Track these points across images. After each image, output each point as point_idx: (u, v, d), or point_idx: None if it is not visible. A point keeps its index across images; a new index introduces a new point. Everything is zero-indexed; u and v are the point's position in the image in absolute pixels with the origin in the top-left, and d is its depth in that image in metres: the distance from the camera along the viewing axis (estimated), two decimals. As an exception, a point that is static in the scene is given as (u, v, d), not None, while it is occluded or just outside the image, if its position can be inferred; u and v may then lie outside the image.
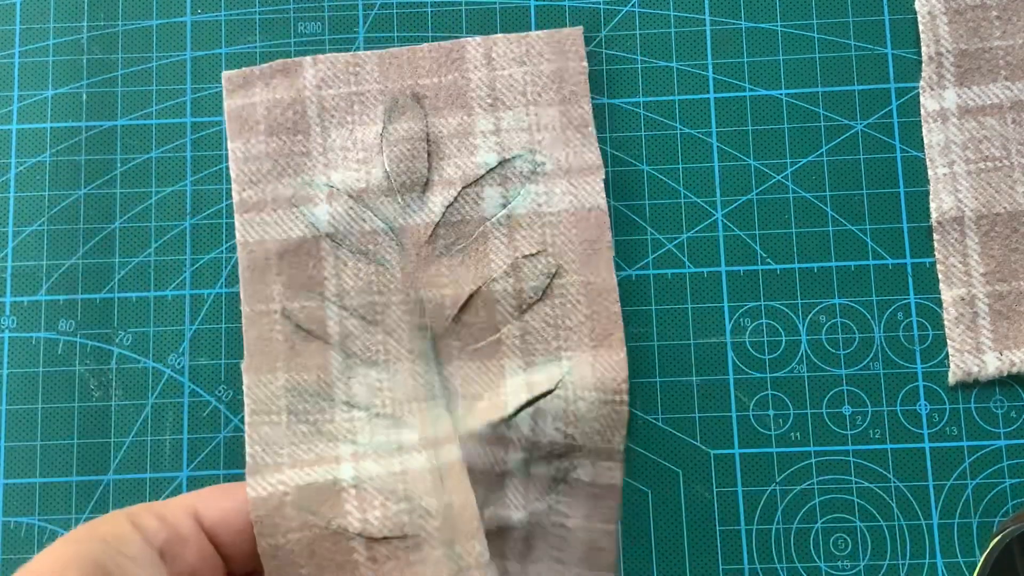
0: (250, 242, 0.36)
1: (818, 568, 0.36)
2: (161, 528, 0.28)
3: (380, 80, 0.37)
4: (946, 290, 0.37)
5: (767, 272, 0.37)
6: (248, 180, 0.36)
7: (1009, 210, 0.37)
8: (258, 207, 0.36)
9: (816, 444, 0.36)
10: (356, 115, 0.37)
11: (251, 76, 0.37)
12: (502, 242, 0.36)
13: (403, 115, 0.37)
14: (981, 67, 0.38)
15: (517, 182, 0.36)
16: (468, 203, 0.36)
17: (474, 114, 0.37)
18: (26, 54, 0.39)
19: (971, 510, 0.36)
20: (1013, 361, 0.36)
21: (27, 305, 0.38)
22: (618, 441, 0.35)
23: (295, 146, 0.37)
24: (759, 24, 0.39)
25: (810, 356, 0.37)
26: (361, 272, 0.36)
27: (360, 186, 0.36)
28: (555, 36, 0.37)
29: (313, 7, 0.39)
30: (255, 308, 0.36)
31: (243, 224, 0.36)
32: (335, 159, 0.37)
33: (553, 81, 0.37)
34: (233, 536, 0.30)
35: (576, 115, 0.37)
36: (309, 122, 0.37)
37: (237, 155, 0.37)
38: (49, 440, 0.37)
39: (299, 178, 0.36)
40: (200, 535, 0.29)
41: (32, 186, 0.38)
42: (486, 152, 0.37)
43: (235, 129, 0.37)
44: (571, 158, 0.37)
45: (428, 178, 0.36)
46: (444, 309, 0.36)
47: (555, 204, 0.36)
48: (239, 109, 0.37)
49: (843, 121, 0.38)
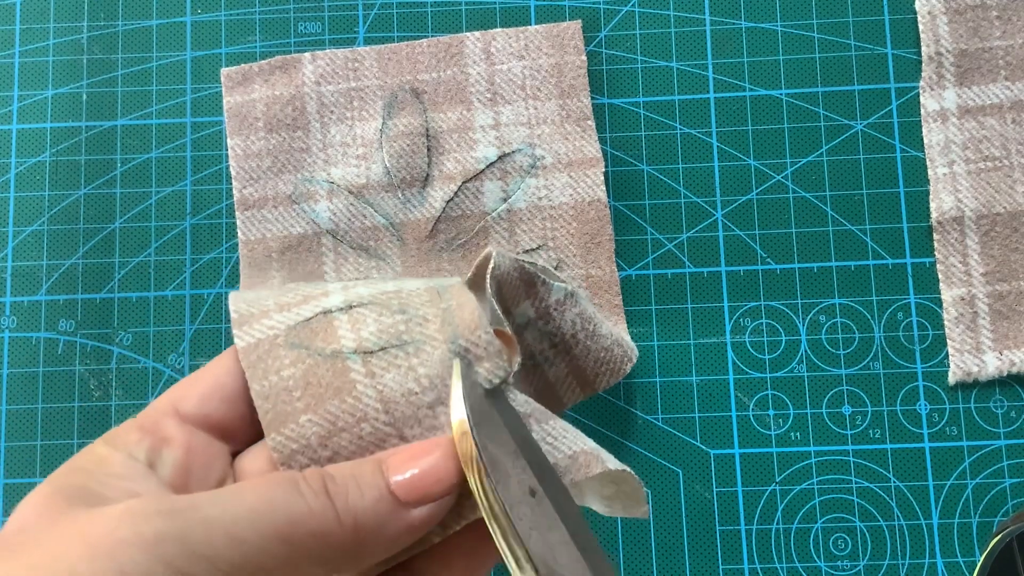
0: (251, 239, 0.36)
1: (818, 568, 0.36)
2: (141, 438, 0.27)
3: (379, 76, 0.37)
4: (946, 290, 0.37)
5: (767, 272, 0.37)
6: (248, 177, 0.36)
7: (1009, 210, 0.37)
8: (259, 204, 0.36)
9: (816, 444, 0.36)
10: (356, 111, 0.37)
11: (250, 72, 0.37)
12: (503, 236, 0.36)
13: (402, 110, 0.37)
14: (981, 67, 0.38)
15: (517, 176, 0.36)
16: (468, 198, 0.36)
17: (473, 109, 0.37)
18: (26, 54, 0.39)
19: (971, 510, 0.36)
20: (1013, 361, 0.36)
21: (27, 305, 0.38)
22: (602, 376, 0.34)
23: (295, 142, 0.37)
24: (759, 24, 0.39)
25: (810, 356, 0.37)
26: (362, 267, 0.36)
27: (360, 182, 0.36)
28: (554, 30, 0.37)
29: (313, 7, 0.39)
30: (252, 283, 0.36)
31: (244, 221, 0.36)
32: (335, 155, 0.37)
33: (552, 75, 0.37)
34: (222, 410, 0.28)
35: (575, 108, 0.37)
36: (308, 118, 0.37)
37: (237, 152, 0.37)
38: (49, 440, 0.37)
39: (299, 174, 0.36)
40: (184, 429, 0.27)
41: (32, 186, 0.38)
42: (486, 146, 0.37)
43: (235, 126, 0.37)
44: (570, 151, 0.37)
45: (428, 173, 0.36)
46: None
47: (555, 197, 0.36)
48: (238, 106, 0.37)
49: (843, 121, 0.38)
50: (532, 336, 0.32)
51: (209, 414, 0.28)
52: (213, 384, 0.28)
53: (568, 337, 0.33)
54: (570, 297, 0.32)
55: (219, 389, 0.28)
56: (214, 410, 0.28)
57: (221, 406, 0.28)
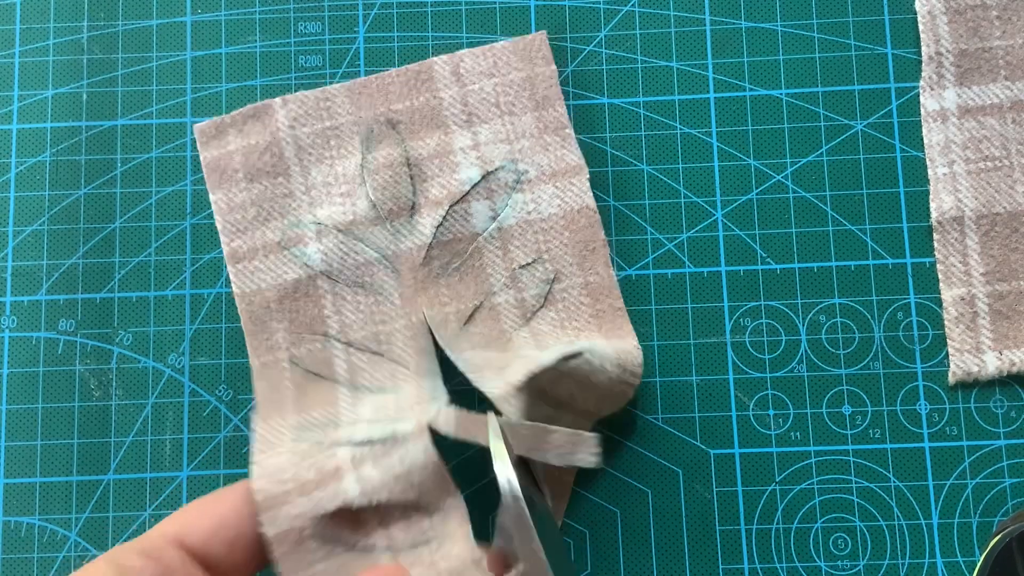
0: (247, 292, 0.36)
1: (818, 568, 0.36)
2: (146, 566, 0.27)
3: (352, 111, 0.37)
4: (946, 290, 0.37)
5: (767, 272, 0.37)
6: (235, 230, 0.36)
7: (1009, 210, 0.37)
8: (249, 256, 0.36)
9: (816, 444, 0.36)
10: (334, 149, 0.37)
11: (223, 125, 0.37)
12: (497, 255, 0.36)
13: (380, 143, 0.37)
14: (981, 67, 0.38)
15: (503, 193, 0.36)
16: (457, 221, 0.36)
17: (451, 132, 0.37)
18: (26, 54, 0.39)
19: (971, 510, 0.36)
20: (1013, 361, 0.36)
21: (27, 305, 0.38)
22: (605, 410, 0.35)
23: (277, 188, 0.37)
24: (759, 24, 0.39)
25: (810, 356, 0.37)
26: (361, 304, 0.36)
27: (347, 219, 0.36)
28: (520, 44, 0.37)
29: (313, 7, 0.39)
30: (263, 360, 0.36)
31: (237, 275, 0.36)
32: (319, 196, 0.37)
33: (524, 89, 0.37)
34: (223, 552, 0.29)
35: (551, 119, 0.37)
36: (288, 163, 0.37)
37: (220, 206, 0.37)
38: (49, 440, 0.37)
39: (285, 220, 0.36)
40: (187, 561, 0.28)
41: (32, 186, 0.38)
42: (468, 168, 0.36)
43: (215, 180, 0.37)
44: (553, 162, 0.36)
45: (414, 201, 0.36)
46: (449, 323, 0.36)
47: (544, 210, 0.36)
48: (216, 160, 0.37)
49: (843, 121, 0.38)
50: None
51: (213, 554, 0.29)
52: (220, 523, 0.29)
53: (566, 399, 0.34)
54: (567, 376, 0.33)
55: (226, 529, 0.29)
56: (217, 550, 0.29)
57: (223, 547, 0.29)
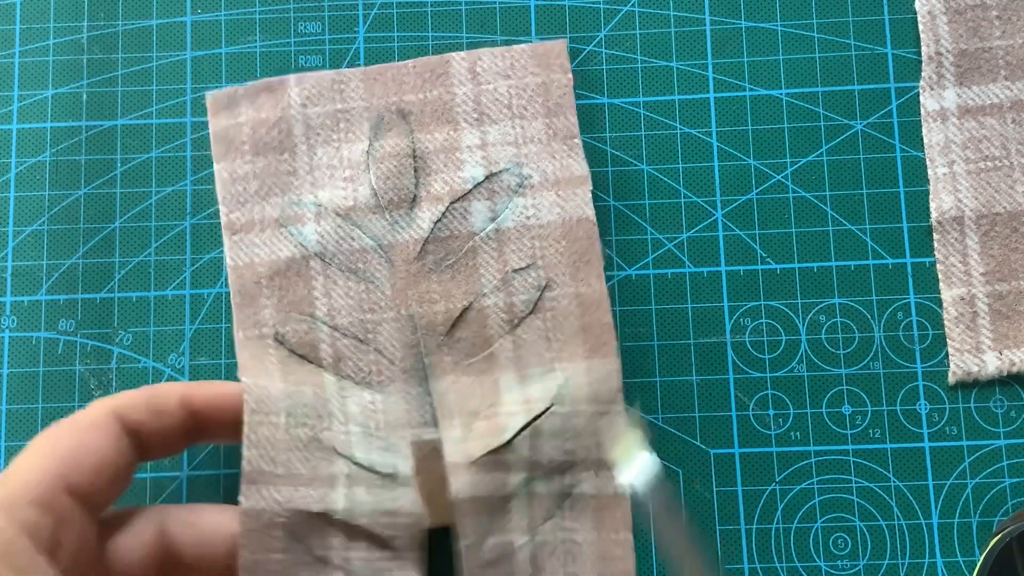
0: (239, 265, 0.36)
1: (818, 568, 0.36)
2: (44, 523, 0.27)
3: (365, 97, 0.37)
4: (946, 290, 0.37)
5: (767, 272, 0.37)
6: (235, 201, 0.36)
7: (1009, 210, 0.37)
8: (246, 228, 0.36)
9: (816, 444, 0.36)
10: (342, 133, 0.37)
11: (236, 96, 0.37)
12: (491, 256, 0.36)
13: (389, 132, 0.37)
14: (981, 67, 0.38)
15: (505, 196, 0.36)
16: (456, 218, 0.36)
17: (460, 129, 0.37)
18: (26, 54, 0.39)
19: (971, 510, 0.36)
20: (1013, 361, 0.36)
21: (27, 305, 0.38)
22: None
23: (281, 165, 0.37)
24: (759, 24, 0.39)
25: (810, 356, 0.37)
26: (351, 291, 0.36)
27: (348, 204, 0.36)
28: (539, 49, 0.37)
29: (313, 7, 0.39)
30: (248, 334, 0.35)
31: (232, 246, 0.36)
32: (322, 177, 0.37)
33: (538, 94, 0.37)
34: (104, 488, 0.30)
35: (562, 127, 0.37)
36: (295, 141, 0.37)
37: (223, 176, 0.37)
38: (49, 440, 0.37)
39: (286, 197, 0.36)
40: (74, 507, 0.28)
41: (32, 186, 0.38)
42: (473, 166, 0.36)
43: (221, 150, 0.37)
44: (558, 170, 0.36)
45: (415, 194, 0.36)
46: (436, 325, 0.36)
47: (543, 216, 0.36)
48: (224, 130, 0.37)
49: (843, 121, 0.38)
50: None
51: (96, 492, 0.29)
52: (100, 461, 0.29)
53: None
54: None
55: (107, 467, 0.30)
56: (100, 487, 0.29)
57: (105, 485, 0.30)
